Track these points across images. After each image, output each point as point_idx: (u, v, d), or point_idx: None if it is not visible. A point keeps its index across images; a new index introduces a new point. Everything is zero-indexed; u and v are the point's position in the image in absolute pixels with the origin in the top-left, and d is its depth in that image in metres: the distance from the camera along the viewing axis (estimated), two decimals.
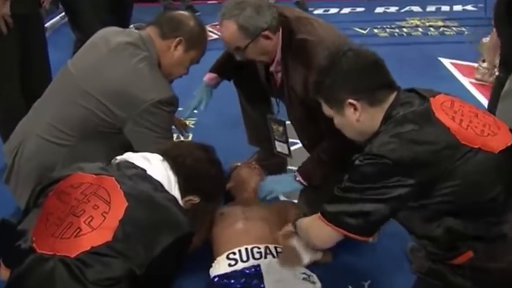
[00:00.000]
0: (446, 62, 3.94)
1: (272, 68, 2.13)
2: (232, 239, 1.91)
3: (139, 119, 1.86)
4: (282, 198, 2.46)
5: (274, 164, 2.59)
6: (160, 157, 1.60)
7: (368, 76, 1.60)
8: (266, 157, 2.61)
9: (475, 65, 3.63)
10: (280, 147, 2.35)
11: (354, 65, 1.61)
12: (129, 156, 1.59)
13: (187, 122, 3.13)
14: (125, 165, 1.54)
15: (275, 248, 1.85)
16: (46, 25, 3.31)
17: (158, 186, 1.49)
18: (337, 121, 1.67)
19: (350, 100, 1.59)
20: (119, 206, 1.37)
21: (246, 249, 1.83)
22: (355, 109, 1.60)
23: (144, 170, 1.52)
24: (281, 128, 2.29)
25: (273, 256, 1.82)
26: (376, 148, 1.49)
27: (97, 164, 1.54)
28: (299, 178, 2.07)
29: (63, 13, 3.93)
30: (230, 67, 2.33)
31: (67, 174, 1.49)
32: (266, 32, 1.98)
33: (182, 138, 2.51)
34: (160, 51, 1.96)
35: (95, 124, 1.89)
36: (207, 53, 2.11)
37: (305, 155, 2.16)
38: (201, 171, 1.63)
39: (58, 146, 1.91)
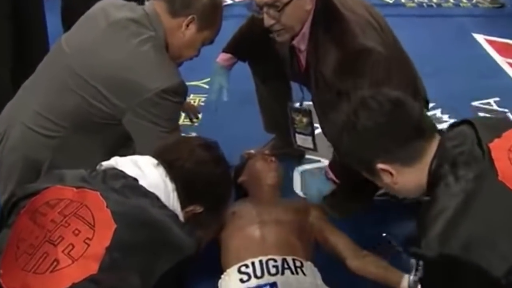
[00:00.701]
0: (480, 38, 3.60)
1: (294, 42, 1.82)
2: (244, 247, 1.68)
3: (140, 110, 1.60)
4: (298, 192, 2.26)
5: (291, 153, 2.37)
6: (154, 161, 1.35)
7: (389, 131, 1.28)
8: (282, 145, 2.38)
9: None
10: (302, 140, 2.10)
11: (369, 121, 1.30)
12: (116, 162, 1.33)
13: (197, 100, 2.91)
14: (112, 174, 1.29)
15: (293, 260, 1.62)
16: None
17: (153, 199, 1.25)
18: (377, 182, 1.39)
19: (379, 166, 1.31)
20: (106, 229, 1.14)
21: (261, 261, 1.60)
22: (389, 173, 1.32)
23: (136, 180, 1.28)
24: (305, 119, 2.03)
25: (291, 272, 1.58)
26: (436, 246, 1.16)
27: (79, 172, 1.29)
28: (331, 176, 1.85)
29: None
30: (247, 46, 2.06)
31: (44, 187, 1.24)
32: None
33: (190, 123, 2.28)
34: (169, 30, 1.68)
35: (90, 114, 1.63)
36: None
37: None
38: (204, 176, 1.38)
39: (45, 138, 1.66)
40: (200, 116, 2.53)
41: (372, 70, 1.66)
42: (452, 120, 2.66)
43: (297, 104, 2.06)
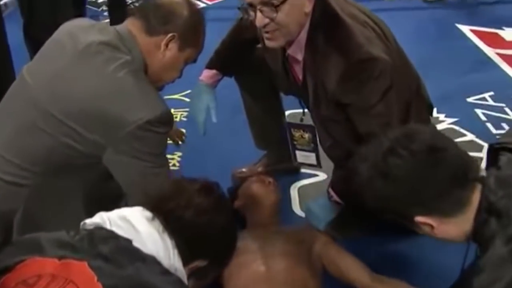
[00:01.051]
0: (465, 29, 3.51)
1: (290, 51, 1.65)
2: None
3: (122, 145, 1.41)
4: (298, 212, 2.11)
5: (285, 169, 2.23)
6: (147, 215, 1.16)
7: (425, 183, 1.14)
8: (275, 161, 2.23)
9: (501, 32, 3.21)
10: (303, 157, 1.94)
11: (401, 172, 1.15)
12: (103, 220, 1.14)
13: (179, 115, 2.74)
14: (100, 236, 1.09)
15: None
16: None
17: (153, 264, 1.07)
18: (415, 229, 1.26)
19: (417, 219, 1.18)
20: None
21: None
22: (430, 225, 1.18)
23: (129, 241, 1.09)
24: (307, 135, 1.87)
25: None
26: None
27: (60, 235, 1.09)
28: (335, 198, 1.73)
29: None
30: (233, 60, 1.90)
31: (17, 260, 1.03)
32: None
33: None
34: (146, 52, 1.50)
35: (64, 155, 1.43)
36: None
37: None
38: (207, 227, 1.20)
39: (16, 187, 1.45)
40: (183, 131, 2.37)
41: (378, 80, 1.53)
42: (450, 120, 2.59)
43: (298, 120, 1.89)
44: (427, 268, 1.76)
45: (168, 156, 2.37)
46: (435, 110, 2.54)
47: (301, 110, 1.88)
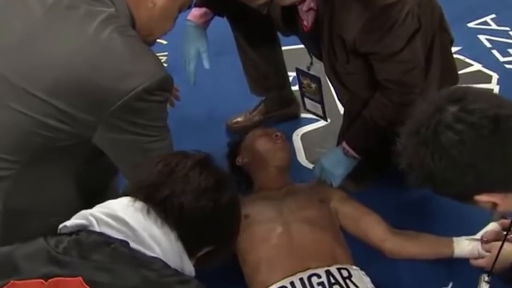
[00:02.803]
0: None
1: (303, 7, 1.45)
2: (274, 263, 1.34)
3: (116, 120, 1.15)
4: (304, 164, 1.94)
5: (284, 115, 2.04)
6: (140, 206, 0.95)
7: (489, 161, 0.94)
8: (274, 108, 2.03)
9: None
10: (311, 105, 1.76)
11: (463, 150, 0.94)
12: (88, 220, 0.93)
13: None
14: (89, 243, 0.89)
15: (339, 271, 1.31)
16: None
17: (159, 270, 0.88)
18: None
19: (479, 198, 0.99)
20: None
21: (302, 280, 1.28)
22: (492, 202, 1.00)
23: (126, 243, 0.90)
24: (314, 86, 1.67)
25: (342, 287, 1.28)
26: None
27: (39, 248, 0.88)
28: (350, 151, 1.57)
29: None
30: None
31: None
32: None
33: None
34: (132, 2, 1.21)
35: (46, 138, 1.16)
36: None
37: None
38: (212, 209, 1.00)
39: None
40: None
41: (404, 25, 1.36)
42: (452, 49, 2.38)
43: (305, 68, 1.68)
44: (445, 218, 1.63)
45: None
46: None
47: (299, 46, 1.68)
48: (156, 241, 0.92)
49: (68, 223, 0.94)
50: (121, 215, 0.93)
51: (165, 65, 2.41)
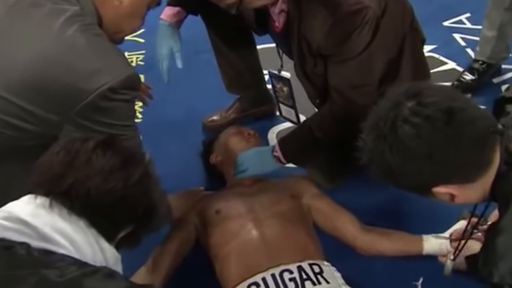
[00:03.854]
0: None
1: (275, 10, 1.47)
2: (245, 258, 1.36)
3: (81, 120, 1.15)
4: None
5: (260, 113, 2.05)
6: (41, 202, 0.92)
7: (444, 152, 0.96)
8: (250, 106, 2.04)
9: None
10: (286, 112, 1.76)
11: (419, 142, 0.96)
12: None
13: (134, 59, 2.44)
14: None
15: (311, 266, 1.32)
16: None
17: (67, 263, 0.86)
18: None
19: (436, 189, 1.02)
20: None
21: (273, 276, 1.29)
22: (449, 194, 1.02)
23: (26, 245, 0.86)
24: (285, 89, 1.68)
25: (313, 283, 1.29)
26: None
27: None
28: (278, 154, 1.56)
29: None
30: None
31: None
32: None
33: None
34: (99, 1, 1.21)
35: (11, 138, 1.16)
36: None
37: None
38: (120, 190, 0.95)
39: None
40: (142, 78, 2.09)
41: (363, 31, 1.37)
42: (428, 47, 2.41)
43: (276, 71, 1.69)
44: (415, 216, 1.66)
45: None
46: None
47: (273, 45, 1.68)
48: (62, 234, 0.89)
49: None
50: (20, 215, 0.90)
51: (141, 63, 2.43)
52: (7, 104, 1.12)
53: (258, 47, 1.95)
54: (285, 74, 1.67)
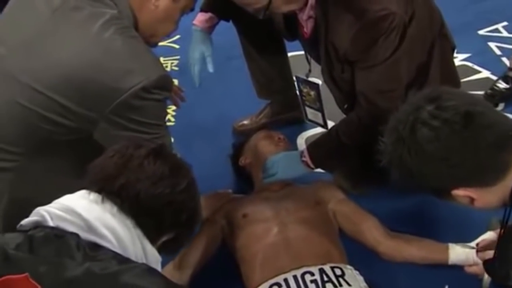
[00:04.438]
0: None
1: (303, 16, 1.50)
2: (269, 260, 1.38)
3: (116, 117, 1.21)
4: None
5: (290, 118, 2.07)
6: (95, 197, 0.98)
7: (462, 156, 0.98)
8: (280, 111, 2.07)
9: None
10: (312, 114, 1.78)
11: (437, 144, 0.98)
12: (43, 216, 0.96)
13: (169, 64, 2.51)
14: (40, 238, 0.92)
15: (332, 269, 1.34)
16: None
17: (110, 257, 0.91)
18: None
19: (455, 192, 1.03)
20: None
21: (295, 277, 1.31)
22: (469, 197, 1.04)
23: (75, 236, 0.92)
24: (313, 93, 1.70)
25: (334, 285, 1.30)
26: None
27: None
28: (306, 159, 1.57)
29: None
30: (230, 1, 1.68)
31: None
32: None
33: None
34: (135, 4, 1.27)
35: (49, 132, 1.23)
36: None
37: None
38: (168, 195, 1.02)
39: None
40: (176, 82, 2.15)
41: (390, 37, 1.38)
42: (462, 56, 2.39)
43: (304, 76, 1.71)
44: (442, 224, 1.65)
45: None
46: None
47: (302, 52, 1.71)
48: (110, 230, 0.94)
49: (24, 221, 0.97)
50: (74, 208, 0.95)
51: (176, 68, 2.49)
52: (48, 100, 1.20)
53: (288, 54, 1.99)
54: (313, 79, 1.69)
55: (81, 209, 0.95)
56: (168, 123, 2.14)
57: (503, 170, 0.99)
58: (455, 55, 2.36)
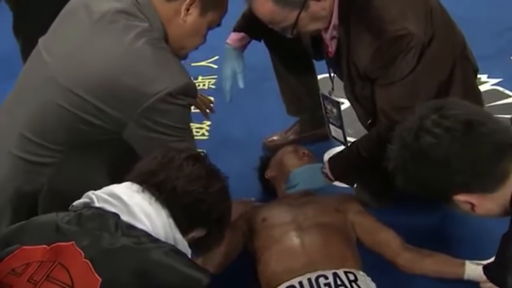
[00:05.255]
0: None
1: (327, 35, 1.60)
2: (285, 263, 1.45)
3: (144, 120, 1.33)
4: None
5: (318, 136, 2.14)
6: (137, 188, 1.13)
7: (463, 162, 1.04)
8: (308, 128, 2.16)
9: None
10: (335, 132, 1.86)
11: (439, 150, 1.05)
12: (91, 199, 1.12)
13: (207, 83, 2.65)
14: (87, 215, 1.08)
15: (346, 274, 1.40)
16: None
17: (141, 236, 1.05)
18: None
19: (456, 197, 1.09)
20: (89, 286, 0.97)
21: (310, 280, 1.37)
22: (470, 203, 1.10)
23: (116, 216, 1.07)
24: (335, 110, 1.78)
25: None
26: None
27: (50, 220, 1.08)
28: (326, 170, 1.65)
29: None
30: (261, 22, 1.79)
31: (8, 251, 1.03)
32: None
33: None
34: (165, 18, 1.40)
35: (85, 132, 1.36)
36: None
37: None
38: (201, 194, 1.16)
39: (38, 166, 1.40)
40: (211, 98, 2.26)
41: (408, 56, 1.45)
42: (493, 81, 2.42)
43: (327, 93, 1.81)
44: (459, 240, 1.68)
45: (197, 125, 2.33)
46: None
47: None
48: (146, 215, 1.08)
49: (75, 203, 1.14)
50: (118, 193, 1.11)
51: (213, 87, 2.62)
52: (86, 103, 1.33)
53: (319, 77, 2.06)
54: (335, 97, 1.77)
55: (123, 195, 1.10)
56: (202, 137, 2.31)
57: (502, 177, 1.05)
58: (487, 79, 2.44)
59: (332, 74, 1.74)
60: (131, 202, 1.09)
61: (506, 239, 1.05)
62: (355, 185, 1.78)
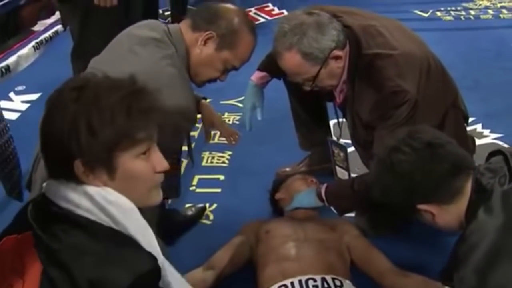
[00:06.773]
0: None
1: (337, 89, 1.86)
2: (281, 267, 1.65)
3: None
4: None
5: (326, 169, 2.33)
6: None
7: (424, 175, 1.27)
8: (318, 162, 2.36)
9: None
10: (341, 173, 2.08)
11: (404, 166, 1.28)
12: None
13: (231, 118, 2.90)
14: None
15: (333, 280, 1.59)
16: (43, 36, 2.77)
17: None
18: (419, 219, 1.40)
19: (419, 207, 1.32)
20: (33, 274, 0.96)
21: (300, 282, 1.57)
22: (430, 213, 1.32)
23: None
24: (342, 154, 2.02)
25: None
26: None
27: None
28: (322, 194, 1.85)
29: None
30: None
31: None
32: (335, 52, 1.73)
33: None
34: (189, 45, 1.66)
35: None
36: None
37: None
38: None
39: None
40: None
41: (402, 108, 1.69)
42: (494, 135, 2.63)
43: (335, 139, 2.07)
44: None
45: (219, 154, 2.57)
46: (479, 125, 2.66)
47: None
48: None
49: None
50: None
51: (237, 122, 2.86)
52: None
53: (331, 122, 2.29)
54: (343, 142, 2.01)
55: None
56: (223, 164, 2.54)
57: (457, 192, 1.27)
58: (487, 133, 2.64)
59: (340, 120, 1.98)
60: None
61: (455, 245, 1.25)
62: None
